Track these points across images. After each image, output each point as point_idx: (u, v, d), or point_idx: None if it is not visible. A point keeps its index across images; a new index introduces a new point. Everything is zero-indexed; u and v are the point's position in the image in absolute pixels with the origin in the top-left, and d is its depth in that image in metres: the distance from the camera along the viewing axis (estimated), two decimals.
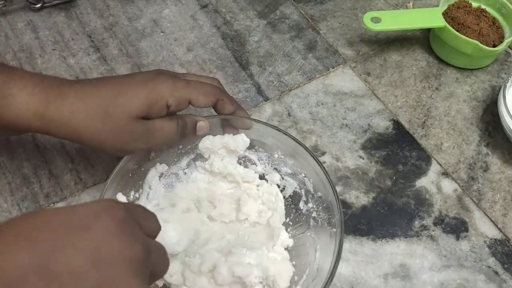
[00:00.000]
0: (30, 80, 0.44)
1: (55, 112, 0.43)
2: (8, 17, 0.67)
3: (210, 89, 0.49)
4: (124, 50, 0.66)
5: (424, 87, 0.66)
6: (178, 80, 0.47)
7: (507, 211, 0.56)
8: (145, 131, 0.45)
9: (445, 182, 0.58)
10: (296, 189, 0.53)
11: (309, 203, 0.52)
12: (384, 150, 0.60)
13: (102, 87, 0.45)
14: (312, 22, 0.71)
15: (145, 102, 0.44)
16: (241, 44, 0.68)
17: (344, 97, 0.64)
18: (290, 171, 0.53)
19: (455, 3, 0.68)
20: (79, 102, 0.43)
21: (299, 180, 0.52)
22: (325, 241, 0.48)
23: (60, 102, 0.43)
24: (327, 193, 0.48)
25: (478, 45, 0.63)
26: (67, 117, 0.43)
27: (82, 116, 0.43)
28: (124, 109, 0.44)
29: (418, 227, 0.55)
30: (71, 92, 0.44)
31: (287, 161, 0.53)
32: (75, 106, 0.43)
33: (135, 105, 0.44)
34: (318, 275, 0.46)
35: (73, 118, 0.43)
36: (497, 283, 0.52)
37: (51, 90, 0.44)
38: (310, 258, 0.49)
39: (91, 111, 0.43)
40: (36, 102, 0.43)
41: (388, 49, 0.70)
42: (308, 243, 0.50)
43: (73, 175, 0.55)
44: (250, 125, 0.52)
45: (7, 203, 0.52)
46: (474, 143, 0.61)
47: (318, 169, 0.49)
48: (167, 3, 0.71)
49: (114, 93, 0.44)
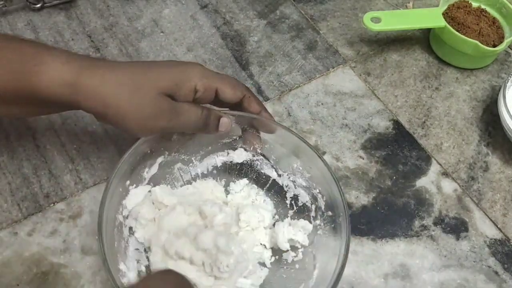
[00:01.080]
0: (63, 52, 0.45)
1: (87, 79, 0.43)
2: (8, 17, 0.67)
3: (237, 84, 0.49)
4: (124, 50, 0.66)
5: (424, 87, 0.66)
6: (208, 69, 0.48)
7: (507, 211, 0.56)
8: (171, 109, 0.45)
9: (445, 182, 0.58)
10: (307, 202, 0.51)
11: (317, 220, 0.50)
12: (384, 150, 0.60)
13: (134, 63, 0.47)
14: (312, 22, 0.71)
15: (174, 80, 0.45)
16: (241, 44, 0.68)
17: (344, 97, 0.64)
18: (305, 184, 0.51)
19: (455, 3, 0.68)
20: (110, 73, 0.44)
21: (311, 195, 0.51)
22: (326, 260, 0.46)
23: (92, 71, 0.44)
24: (338, 216, 0.47)
25: (478, 45, 0.63)
26: (97, 85, 0.44)
27: (112, 85, 0.44)
28: (153, 83, 0.45)
29: (418, 227, 0.55)
30: (104, 64, 0.45)
31: (304, 173, 0.51)
32: (106, 76, 0.44)
33: (164, 80, 0.45)
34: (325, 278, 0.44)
35: (103, 87, 0.44)
36: (497, 283, 0.52)
37: (83, 61, 0.45)
38: (307, 274, 0.47)
39: (121, 81, 0.44)
40: (69, 70, 0.43)
41: (388, 49, 0.70)
42: (308, 259, 0.49)
43: (73, 175, 0.55)
44: (275, 129, 0.51)
45: (7, 203, 0.52)
46: (474, 143, 0.61)
47: (336, 189, 0.47)
48: (167, 3, 0.71)
49: (145, 68, 0.46)
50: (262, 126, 0.51)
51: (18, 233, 0.51)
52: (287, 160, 0.52)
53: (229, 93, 0.48)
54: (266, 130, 0.51)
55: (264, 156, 0.53)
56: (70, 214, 0.52)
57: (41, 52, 0.44)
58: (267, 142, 0.52)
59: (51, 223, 0.52)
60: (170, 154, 0.51)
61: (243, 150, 0.53)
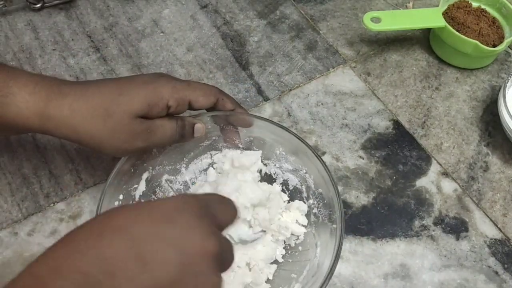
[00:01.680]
0: (30, 79, 0.44)
1: (55, 110, 0.43)
2: (8, 17, 0.67)
3: (209, 89, 0.49)
4: (124, 50, 0.66)
5: (424, 87, 0.66)
6: (178, 82, 0.48)
7: (507, 211, 0.56)
8: (145, 129, 0.45)
9: (445, 182, 0.58)
10: (297, 185, 0.53)
11: (310, 199, 0.52)
12: (384, 150, 0.60)
13: (103, 87, 0.45)
14: (312, 22, 0.71)
15: (146, 101, 0.45)
16: (241, 44, 0.68)
17: (344, 97, 0.64)
18: (291, 167, 0.53)
19: (455, 3, 0.68)
20: (80, 100, 0.44)
21: (300, 177, 0.53)
22: (325, 238, 0.48)
23: (60, 100, 0.43)
24: (328, 190, 0.48)
25: (478, 45, 0.63)
26: (67, 115, 0.43)
27: (82, 114, 0.43)
28: (126, 108, 0.44)
29: (418, 227, 0.55)
30: (72, 91, 0.44)
31: (288, 157, 0.53)
32: (75, 104, 0.43)
33: (136, 104, 0.44)
34: (318, 270, 0.46)
35: (73, 117, 0.43)
36: (497, 283, 0.52)
37: (52, 89, 0.44)
38: (310, 254, 0.49)
39: (91, 109, 0.44)
40: (36, 100, 0.43)
41: (388, 49, 0.70)
42: (309, 239, 0.50)
43: (73, 175, 0.55)
44: (251, 123, 0.52)
45: (7, 203, 0.52)
46: (474, 143, 0.61)
47: (320, 165, 0.49)
48: (167, 3, 0.71)
49: (116, 93, 0.45)
50: (238, 121, 0.52)
51: (18, 233, 0.51)
52: (270, 148, 0.53)
53: (202, 101, 0.48)
54: (243, 125, 0.52)
55: (247, 149, 0.54)
56: (70, 214, 0.52)
57: (7, 81, 0.43)
58: (247, 135, 0.53)
59: (51, 223, 0.52)
60: (154, 168, 0.51)
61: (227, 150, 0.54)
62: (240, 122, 0.52)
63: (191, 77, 0.64)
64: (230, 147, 0.53)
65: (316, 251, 0.48)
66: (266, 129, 0.52)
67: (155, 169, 0.51)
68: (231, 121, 0.52)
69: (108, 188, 0.46)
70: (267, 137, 0.52)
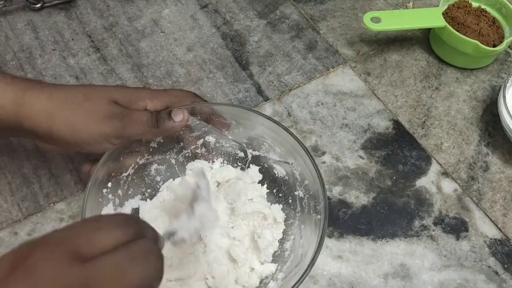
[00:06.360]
0: (8, 75, 0.45)
1: (33, 97, 0.43)
2: (8, 17, 0.67)
3: (185, 95, 0.51)
4: (124, 50, 0.66)
5: (424, 87, 0.66)
6: (156, 90, 0.51)
7: (507, 211, 0.56)
8: (122, 111, 0.45)
9: (445, 182, 0.58)
10: (284, 176, 0.53)
11: (298, 190, 0.52)
12: (384, 150, 0.60)
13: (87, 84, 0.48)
14: (312, 22, 0.71)
15: (126, 95, 0.47)
16: (241, 44, 0.68)
17: (344, 97, 0.64)
18: (279, 158, 0.53)
19: (455, 3, 0.68)
20: (59, 90, 0.45)
21: (286, 167, 0.53)
22: (310, 229, 0.48)
23: (39, 89, 0.44)
24: (313, 181, 0.49)
25: (478, 45, 0.63)
26: (44, 101, 0.43)
27: (60, 99, 0.44)
28: (105, 95, 0.45)
29: (418, 227, 0.55)
30: (52, 85, 0.45)
31: (276, 148, 0.53)
32: (54, 93, 0.44)
33: (116, 94, 0.46)
34: (301, 261, 0.46)
35: (50, 102, 0.43)
36: (497, 283, 0.52)
37: (30, 81, 0.45)
38: (295, 244, 0.49)
39: (69, 95, 0.44)
40: (13, 90, 0.43)
41: (388, 49, 0.70)
42: (294, 229, 0.51)
43: (73, 175, 0.55)
44: (229, 125, 0.52)
45: (7, 203, 0.52)
46: (474, 143, 0.61)
47: (306, 157, 0.49)
48: (167, 3, 0.71)
49: (98, 86, 0.48)
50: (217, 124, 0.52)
51: (18, 233, 0.51)
52: (257, 140, 0.53)
53: (179, 104, 0.49)
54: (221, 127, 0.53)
55: (235, 141, 0.54)
56: (70, 214, 0.52)
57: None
58: (236, 127, 0.53)
59: (51, 223, 0.52)
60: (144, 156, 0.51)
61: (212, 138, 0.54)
62: (218, 125, 0.53)
63: (191, 77, 0.64)
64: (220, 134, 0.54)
65: (300, 241, 0.49)
66: (256, 121, 0.52)
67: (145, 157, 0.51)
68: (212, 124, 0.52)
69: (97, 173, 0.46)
70: (256, 129, 0.53)
